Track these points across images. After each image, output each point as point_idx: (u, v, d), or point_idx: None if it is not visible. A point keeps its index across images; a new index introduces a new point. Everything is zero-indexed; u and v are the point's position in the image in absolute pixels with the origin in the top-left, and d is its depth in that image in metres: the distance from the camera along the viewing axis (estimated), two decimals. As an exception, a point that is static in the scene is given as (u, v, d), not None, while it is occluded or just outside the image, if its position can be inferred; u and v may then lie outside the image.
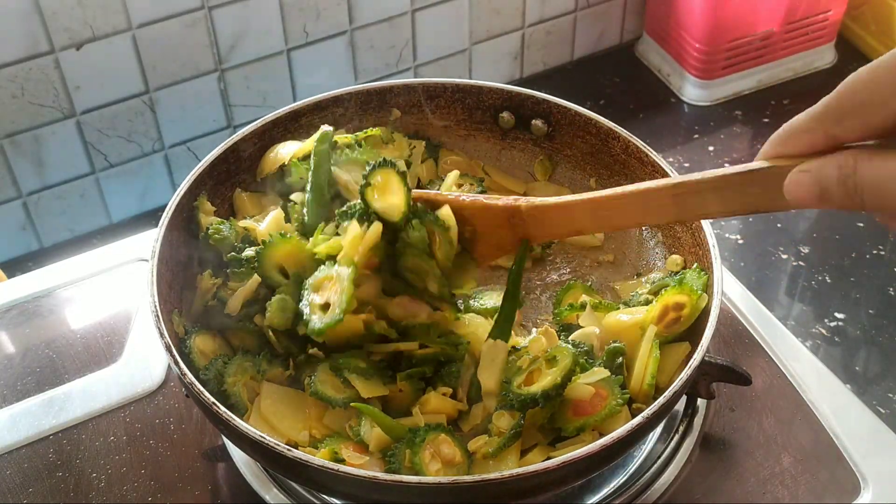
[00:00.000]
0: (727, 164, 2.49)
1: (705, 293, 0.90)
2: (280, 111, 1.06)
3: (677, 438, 0.97)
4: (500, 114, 1.12)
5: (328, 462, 0.76)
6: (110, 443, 0.99)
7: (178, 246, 0.95)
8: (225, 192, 1.04)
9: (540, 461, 0.78)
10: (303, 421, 0.87)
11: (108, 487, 0.94)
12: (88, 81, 2.06)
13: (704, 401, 1.01)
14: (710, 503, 0.93)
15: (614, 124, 1.06)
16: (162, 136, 2.24)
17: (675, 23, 2.65)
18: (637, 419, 0.78)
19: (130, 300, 1.14)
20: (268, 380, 0.90)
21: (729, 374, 0.94)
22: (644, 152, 1.02)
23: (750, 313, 1.11)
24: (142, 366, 1.06)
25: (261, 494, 0.93)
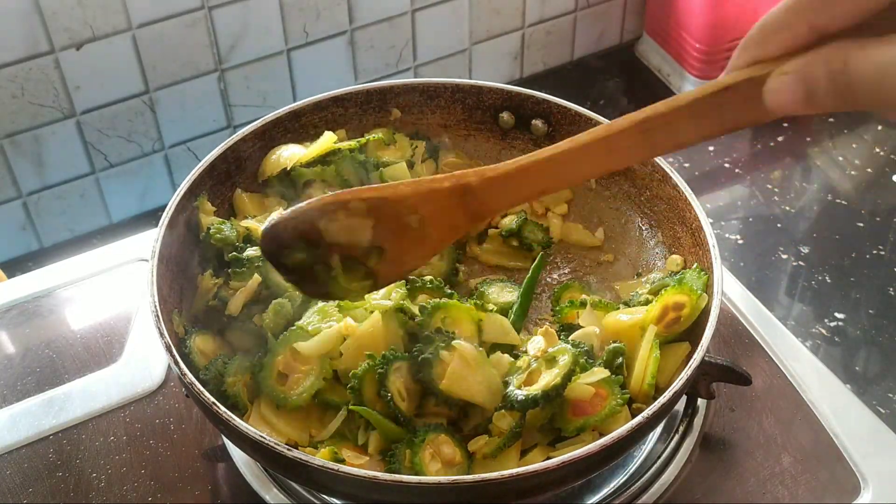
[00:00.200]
0: (727, 164, 2.49)
1: (705, 293, 0.90)
2: (280, 111, 1.06)
3: (677, 438, 0.97)
4: (500, 114, 1.12)
5: (328, 462, 0.76)
6: (110, 443, 0.99)
7: (179, 246, 0.95)
8: (225, 193, 1.04)
9: (540, 461, 0.78)
10: (303, 421, 0.87)
11: (108, 487, 0.94)
12: (88, 81, 2.06)
13: (704, 401, 1.01)
14: (710, 503, 0.93)
15: None
16: (162, 136, 2.24)
17: (675, 23, 2.65)
18: (637, 419, 0.78)
19: (130, 300, 1.14)
20: (259, 373, 0.89)
21: (729, 374, 0.94)
22: None
23: (750, 313, 1.11)
24: (142, 366, 1.06)
25: (261, 494, 0.93)
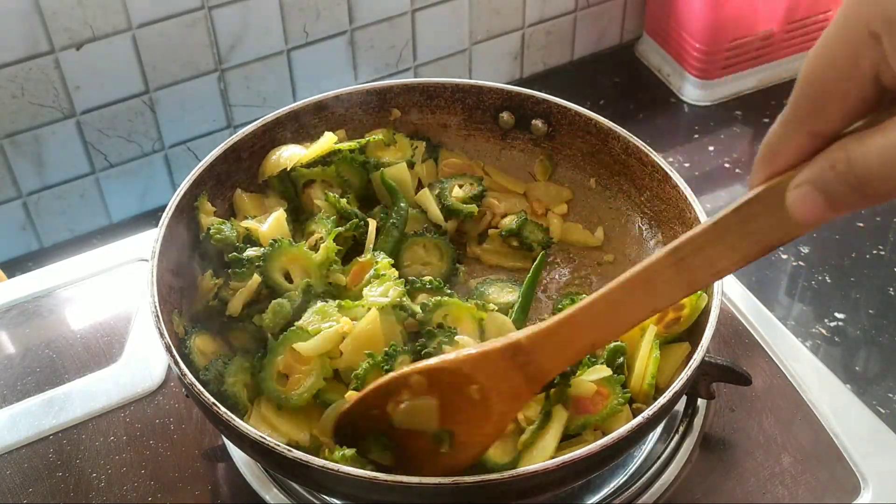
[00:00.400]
0: (727, 164, 2.49)
1: (705, 293, 0.90)
2: (280, 111, 1.06)
3: (677, 438, 0.97)
4: (500, 114, 1.12)
5: (329, 462, 0.76)
6: (110, 443, 0.99)
7: (179, 246, 0.95)
8: (225, 193, 1.04)
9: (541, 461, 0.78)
10: (304, 421, 0.87)
11: (108, 487, 0.94)
12: (88, 81, 2.06)
13: (704, 401, 1.01)
14: (710, 503, 0.93)
15: (614, 124, 1.06)
16: (162, 136, 2.24)
17: (675, 23, 2.65)
18: (637, 419, 0.78)
19: (130, 300, 1.14)
20: (259, 373, 0.89)
21: (729, 374, 0.94)
22: (644, 152, 1.02)
23: (750, 313, 1.11)
24: (142, 366, 1.06)
25: (261, 494, 0.93)
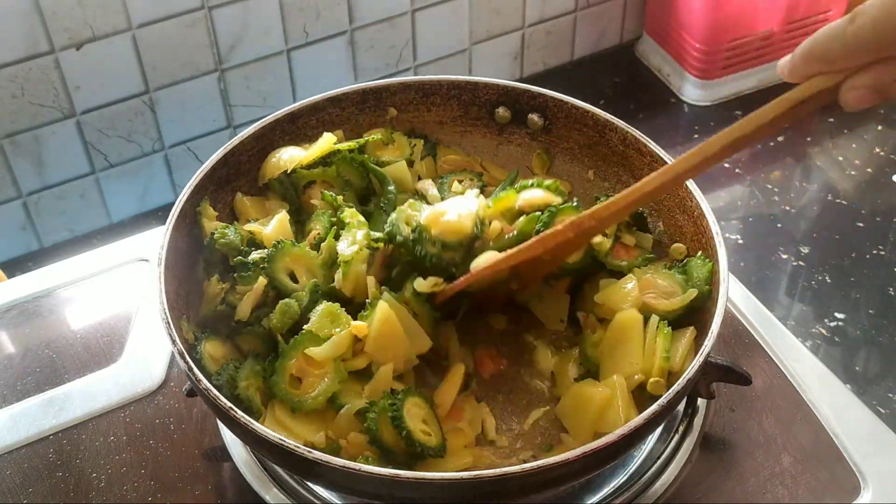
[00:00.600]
0: (727, 164, 2.49)
1: (708, 286, 0.91)
2: (277, 113, 1.05)
3: (677, 438, 0.97)
4: (496, 109, 1.12)
5: (349, 462, 0.76)
6: (110, 443, 0.99)
7: (183, 252, 0.95)
8: (226, 197, 1.04)
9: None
10: (318, 422, 0.87)
11: (108, 487, 0.94)
12: (88, 81, 2.06)
13: (704, 401, 1.01)
14: (710, 503, 0.93)
15: (611, 115, 1.06)
16: (162, 136, 2.24)
17: (675, 23, 2.65)
18: (656, 405, 0.79)
19: (130, 300, 1.14)
20: (271, 377, 0.89)
21: (729, 374, 0.94)
22: (643, 143, 1.02)
23: (750, 313, 1.11)
24: (142, 366, 1.06)
25: (261, 494, 0.93)
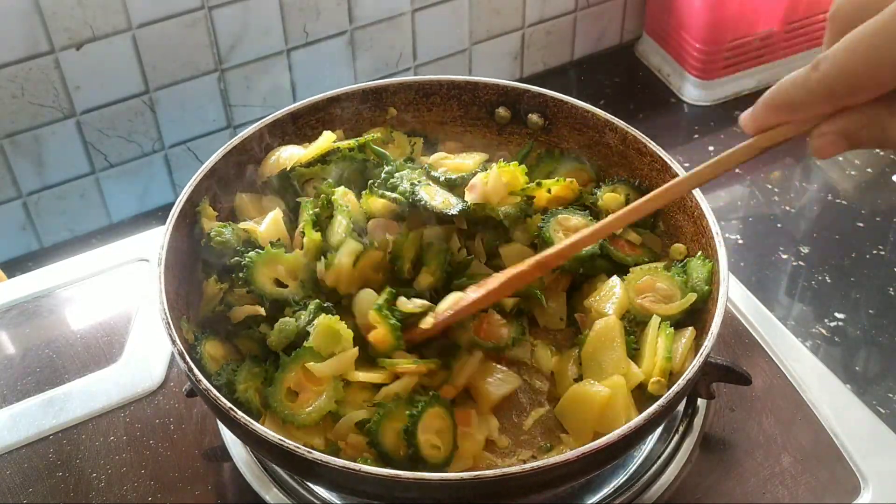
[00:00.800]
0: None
1: (708, 286, 0.91)
2: (277, 113, 1.05)
3: (677, 438, 0.97)
4: (496, 109, 1.12)
5: (349, 462, 0.76)
6: (110, 443, 0.99)
7: (183, 252, 0.95)
8: (226, 197, 1.03)
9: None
10: (319, 426, 0.87)
11: (108, 487, 0.94)
12: (88, 81, 2.06)
13: (704, 401, 1.01)
14: (710, 503, 0.93)
15: (611, 115, 1.05)
16: (162, 136, 2.24)
17: (675, 23, 2.65)
18: (657, 403, 0.79)
19: (130, 300, 1.14)
20: (267, 388, 0.89)
21: (729, 375, 0.94)
22: (643, 143, 1.02)
23: (750, 313, 1.11)
24: (142, 366, 1.06)
25: (261, 494, 0.93)
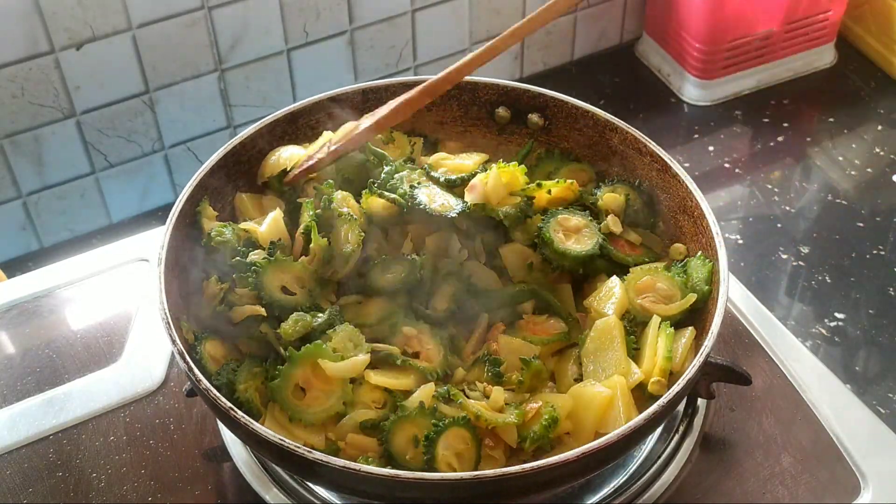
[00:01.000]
0: (727, 164, 2.49)
1: (708, 286, 0.91)
2: (277, 113, 1.06)
3: (677, 438, 0.97)
4: (496, 109, 1.12)
5: (350, 462, 0.76)
6: (110, 443, 0.99)
7: (183, 252, 0.95)
8: (226, 197, 1.04)
9: None
10: (319, 425, 0.87)
11: (108, 487, 0.94)
12: (88, 81, 2.06)
13: (704, 401, 1.01)
14: (710, 503, 0.93)
15: (611, 115, 1.05)
16: (162, 136, 2.24)
17: (675, 23, 2.65)
18: (657, 403, 0.79)
19: (130, 300, 1.14)
20: (271, 382, 0.89)
21: (729, 374, 0.94)
22: (643, 143, 1.02)
23: (750, 313, 1.11)
24: (142, 366, 1.06)
25: (261, 494, 0.93)
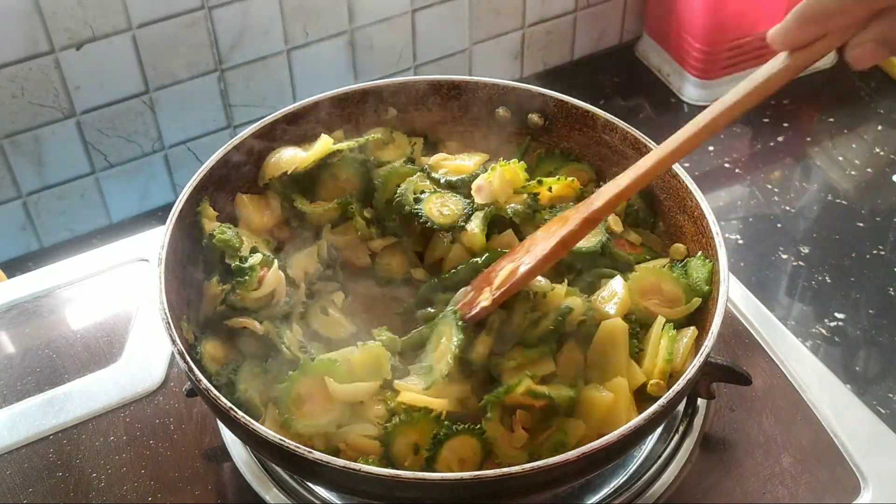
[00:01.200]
0: (727, 164, 2.49)
1: (709, 286, 0.91)
2: (277, 114, 1.05)
3: (677, 438, 0.97)
4: (496, 109, 1.12)
5: (350, 462, 0.76)
6: (110, 443, 0.99)
7: (183, 252, 0.95)
8: (226, 197, 1.03)
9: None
10: (306, 436, 0.87)
11: (108, 487, 0.94)
12: (88, 81, 2.06)
13: (704, 401, 1.01)
14: (710, 503, 0.93)
15: (611, 115, 1.05)
16: (162, 136, 2.24)
17: (675, 23, 2.65)
18: (657, 403, 0.79)
19: (130, 300, 1.14)
20: (277, 384, 0.89)
21: (729, 374, 0.94)
22: (642, 142, 1.02)
23: (750, 313, 1.11)
24: (142, 366, 1.06)
25: (261, 494, 0.93)
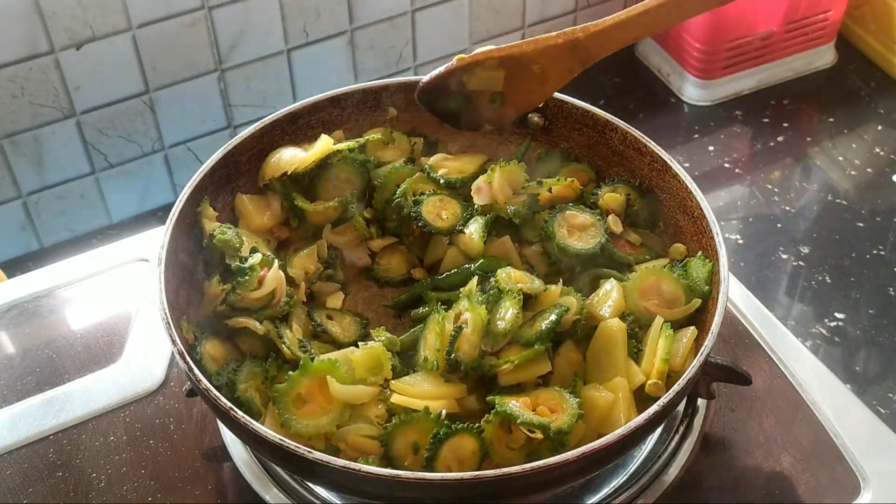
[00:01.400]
0: (727, 164, 2.49)
1: (708, 286, 0.91)
2: (277, 114, 1.05)
3: (677, 438, 0.97)
4: None
5: (350, 462, 0.76)
6: (110, 443, 0.99)
7: (183, 252, 0.95)
8: (226, 197, 1.04)
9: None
10: (304, 437, 0.87)
11: (108, 487, 0.94)
12: (88, 81, 2.06)
13: (704, 401, 1.01)
14: (710, 503, 0.93)
15: (611, 116, 1.06)
16: (162, 136, 2.24)
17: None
18: (656, 405, 0.79)
19: (130, 300, 1.14)
20: (277, 384, 0.89)
21: (729, 374, 0.94)
22: (643, 143, 1.02)
23: (750, 313, 1.11)
24: (142, 366, 1.06)
25: (261, 494, 0.93)
